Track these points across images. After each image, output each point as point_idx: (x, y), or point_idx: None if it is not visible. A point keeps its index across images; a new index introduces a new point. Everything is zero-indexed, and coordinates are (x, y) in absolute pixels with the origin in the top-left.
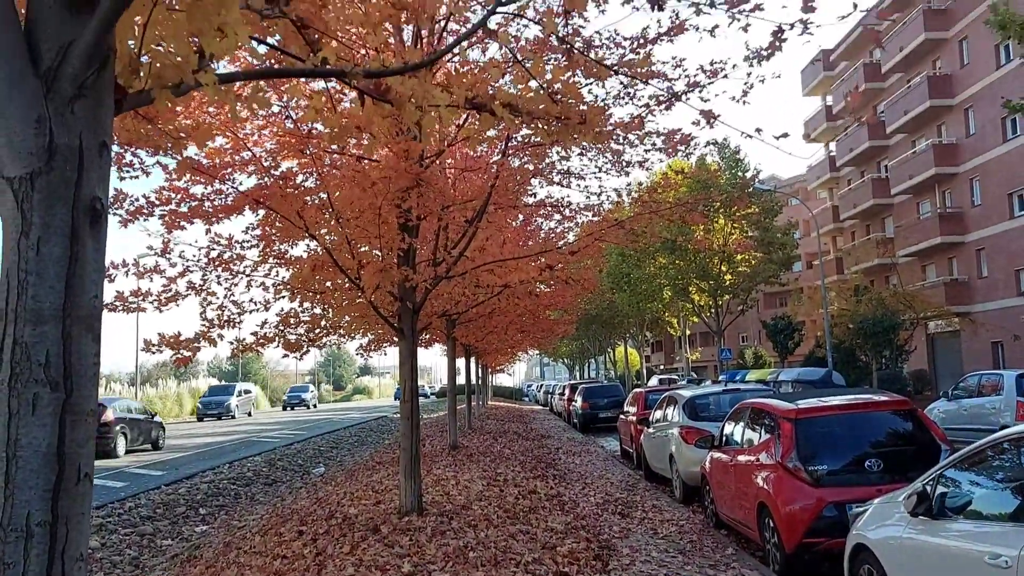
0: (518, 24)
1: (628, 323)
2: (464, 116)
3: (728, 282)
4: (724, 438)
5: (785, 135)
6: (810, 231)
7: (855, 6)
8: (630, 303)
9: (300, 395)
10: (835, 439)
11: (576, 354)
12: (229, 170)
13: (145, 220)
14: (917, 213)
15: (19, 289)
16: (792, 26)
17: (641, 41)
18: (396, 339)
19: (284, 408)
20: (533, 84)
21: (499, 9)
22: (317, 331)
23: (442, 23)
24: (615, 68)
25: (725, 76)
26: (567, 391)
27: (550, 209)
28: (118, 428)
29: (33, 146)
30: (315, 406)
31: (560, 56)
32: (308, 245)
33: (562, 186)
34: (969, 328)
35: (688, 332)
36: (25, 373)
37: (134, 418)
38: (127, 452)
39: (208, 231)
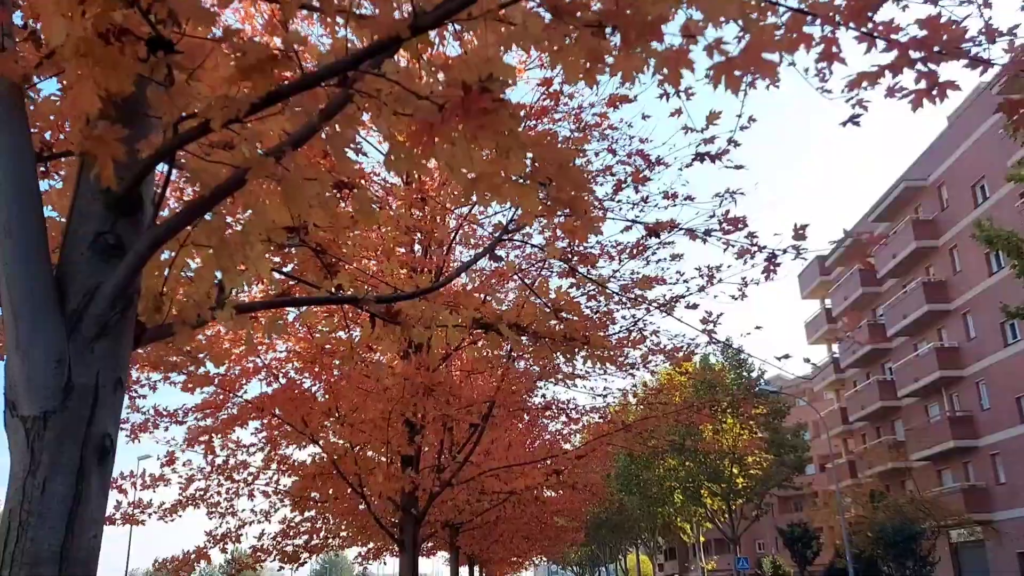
0: (522, 235)
1: (640, 528)
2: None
3: (740, 485)
4: None
5: (787, 356)
6: (820, 433)
7: (845, 232)
8: (640, 506)
9: None
10: None
11: (586, 561)
12: (238, 372)
13: (151, 433)
14: (926, 416)
15: (19, 531)
16: (785, 251)
17: (640, 248)
18: (397, 549)
19: None
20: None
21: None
22: (315, 541)
23: (452, 235)
24: (618, 293)
25: (721, 281)
26: None
27: (556, 410)
28: None
29: (51, 386)
30: None
31: (563, 265)
32: (312, 450)
33: (567, 387)
34: (994, 538)
35: (702, 539)
36: None
37: None
38: None
39: (223, 438)
